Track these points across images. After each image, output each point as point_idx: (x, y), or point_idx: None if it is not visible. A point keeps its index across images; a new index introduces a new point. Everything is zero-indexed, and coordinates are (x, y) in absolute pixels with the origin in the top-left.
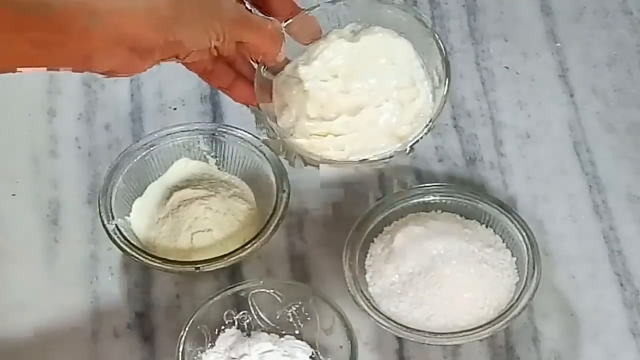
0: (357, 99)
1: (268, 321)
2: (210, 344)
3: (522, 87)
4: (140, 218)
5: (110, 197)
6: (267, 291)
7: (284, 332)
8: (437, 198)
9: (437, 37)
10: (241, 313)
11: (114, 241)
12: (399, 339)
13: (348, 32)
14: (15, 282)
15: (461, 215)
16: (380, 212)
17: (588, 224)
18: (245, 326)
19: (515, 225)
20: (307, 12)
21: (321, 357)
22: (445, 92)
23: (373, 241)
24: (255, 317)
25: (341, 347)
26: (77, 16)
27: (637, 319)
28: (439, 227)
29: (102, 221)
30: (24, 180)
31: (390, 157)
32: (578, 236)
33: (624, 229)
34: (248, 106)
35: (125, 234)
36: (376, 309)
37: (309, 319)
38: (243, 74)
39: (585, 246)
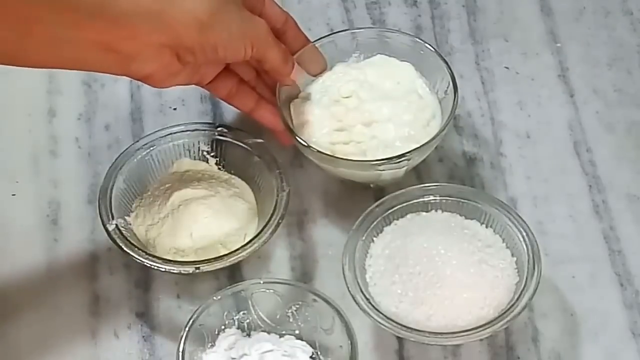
0: (371, 115)
1: (268, 321)
2: (210, 344)
3: (522, 87)
4: (140, 218)
5: (110, 197)
6: (267, 291)
7: (284, 332)
8: (437, 198)
9: (441, 55)
10: (241, 313)
11: (114, 241)
12: (399, 339)
13: (353, 62)
14: (15, 282)
15: (461, 215)
16: (380, 212)
17: (588, 224)
18: (245, 326)
19: (515, 225)
20: (314, 43)
21: (321, 357)
22: (453, 102)
23: (373, 241)
24: (255, 317)
25: (341, 347)
26: (128, 15)
27: (637, 319)
28: (439, 227)
29: (102, 221)
30: (24, 180)
31: (409, 160)
32: (578, 236)
33: (624, 229)
34: None
35: (125, 234)
36: (376, 309)
37: (309, 319)
38: (264, 97)
39: (585, 246)
